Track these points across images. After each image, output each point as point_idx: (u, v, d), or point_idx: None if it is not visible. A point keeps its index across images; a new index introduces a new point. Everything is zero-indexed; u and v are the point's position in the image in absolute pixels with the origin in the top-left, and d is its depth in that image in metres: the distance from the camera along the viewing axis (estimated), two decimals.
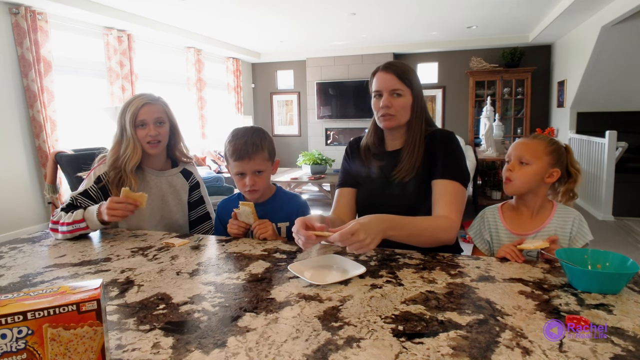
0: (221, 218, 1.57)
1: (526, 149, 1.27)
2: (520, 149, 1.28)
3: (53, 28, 4.27)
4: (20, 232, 3.96)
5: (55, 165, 3.34)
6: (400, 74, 1.31)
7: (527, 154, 1.26)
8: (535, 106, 6.95)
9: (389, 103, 1.31)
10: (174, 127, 1.64)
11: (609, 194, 4.49)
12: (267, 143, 1.43)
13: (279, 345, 0.71)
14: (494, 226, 1.32)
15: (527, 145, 1.28)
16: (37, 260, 1.22)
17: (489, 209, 1.37)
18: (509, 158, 1.31)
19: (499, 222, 1.31)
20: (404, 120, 1.34)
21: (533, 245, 1.11)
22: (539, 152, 1.25)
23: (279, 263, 1.13)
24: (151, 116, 1.52)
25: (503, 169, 1.32)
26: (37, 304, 0.57)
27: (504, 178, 1.31)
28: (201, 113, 6.60)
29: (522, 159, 1.26)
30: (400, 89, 1.31)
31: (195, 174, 1.73)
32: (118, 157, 1.52)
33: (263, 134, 1.45)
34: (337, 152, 7.68)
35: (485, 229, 1.34)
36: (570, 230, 1.23)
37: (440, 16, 5.30)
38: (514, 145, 1.32)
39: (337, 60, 7.63)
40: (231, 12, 4.93)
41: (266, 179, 1.46)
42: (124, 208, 1.38)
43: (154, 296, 0.93)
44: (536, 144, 1.27)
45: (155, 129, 1.53)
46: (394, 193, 1.35)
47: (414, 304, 0.86)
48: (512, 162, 1.29)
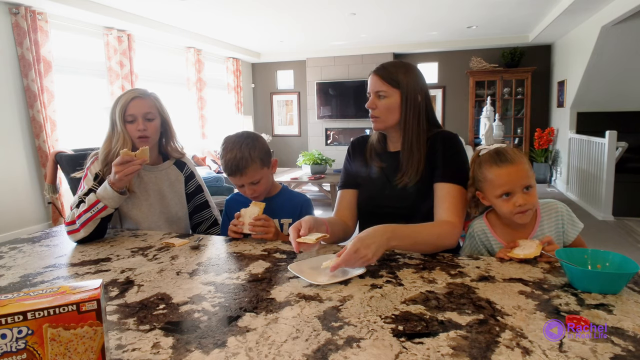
0: (229, 213, 1.56)
1: (524, 174, 1.15)
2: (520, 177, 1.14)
3: (53, 28, 4.27)
4: (20, 232, 3.96)
5: (55, 165, 3.34)
6: (385, 75, 1.31)
7: (529, 179, 1.15)
8: (535, 106, 6.95)
9: (373, 105, 1.33)
10: (165, 123, 1.61)
11: (609, 194, 4.49)
12: (257, 152, 1.40)
13: (279, 345, 0.71)
14: (485, 240, 1.25)
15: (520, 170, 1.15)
16: (37, 260, 1.22)
17: (476, 223, 1.27)
18: (507, 190, 1.15)
19: (490, 235, 1.24)
20: (390, 121, 1.33)
21: (523, 254, 1.07)
22: (529, 170, 1.16)
23: (279, 263, 1.13)
24: (140, 111, 1.50)
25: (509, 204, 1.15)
26: (37, 304, 0.57)
27: (515, 214, 1.15)
28: (201, 113, 6.60)
29: (525, 185, 1.15)
30: (384, 90, 1.31)
31: (189, 165, 1.71)
32: (109, 152, 1.50)
33: (252, 142, 1.41)
34: (337, 152, 7.69)
35: (479, 245, 1.26)
36: (562, 223, 1.19)
37: (440, 16, 5.30)
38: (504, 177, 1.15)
39: (337, 60, 7.63)
40: (231, 12, 4.93)
41: (265, 184, 1.46)
42: (130, 165, 1.37)
43: (154, 296, 0.93)
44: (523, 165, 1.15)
45: (143, 124, 1.50)
46: (394, 194, 1.34)
47: (414, 304, 0.86)
48: (517, 196, 1.14)
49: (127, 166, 1.37)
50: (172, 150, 1.67)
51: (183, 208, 1.66)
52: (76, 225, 1.39)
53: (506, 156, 1.16)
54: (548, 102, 6.96)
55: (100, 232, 1.43)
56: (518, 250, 1.10)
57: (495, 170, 1.16)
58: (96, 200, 1.40)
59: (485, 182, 1.19)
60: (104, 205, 1.40)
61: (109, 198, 1.40)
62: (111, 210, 1.42)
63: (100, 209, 1.40)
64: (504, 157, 1.16)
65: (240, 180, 1.41)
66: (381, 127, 1.36)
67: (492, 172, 1.16)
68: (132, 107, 1.49)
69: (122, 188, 1.43)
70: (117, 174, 1.37)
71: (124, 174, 1.37)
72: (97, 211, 1.39)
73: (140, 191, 1.56)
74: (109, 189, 1.39)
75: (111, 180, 1.40)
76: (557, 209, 1.21)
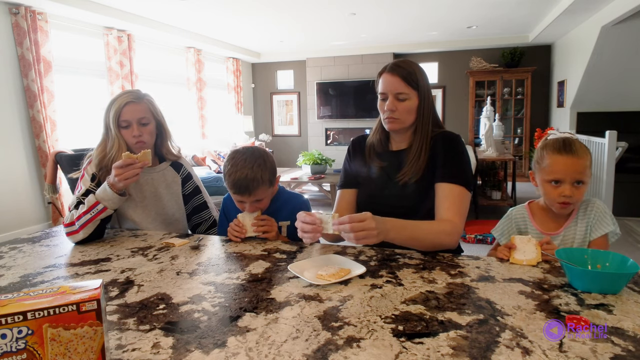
0: (226, 212, 1.55)
1: (580, 169, 1.17)
2: (575, 171, 1.16)
3: (53, 28, 4.27)
4: (20, 232, 3.96)
5: (55, 165, 3.35)
6: (406, 76, 1.28)
7: (583, 176, 1.17)
8: (535, 106, 6.95)
9: (393, 107, 1.29)
10: (160, 125, 1.59)
11: (609, 194, 4.48)
12: (267, 174, 1.37)
13: (279, 345, 0.71)
14: (523, 225, 1.29)
15: (577, 164, 1.17)
16: (37, 260, 1.22)
17: (516, 208, 1.33)
18: (558, 178, 1.18)
19: (529, 221, 1.28)
20: (408, 122, 1.33)
21: (526, 260, 1.07)
22: (588, 170, 1.18)
23: (279, 263, 1.13)
24: (134, 116, 1.48)
25: (556, 192, 1.19)
26: (37, 304, 0.57)
27: (557, 203, 1.19)
28: (201, 113, 6.60)
29: (577, 180, 1.17)
30: (406, 92, 1.28)
31: (186, 166, 1.69)
32: (105, 156, 1.49)
33: (264, 162, 1.37)
34: (337, 152, 7.69)
35: (514, 227, 1.30)
36: (590, 220, 1.21)
37: (440, 16, 5.30)
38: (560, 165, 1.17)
39: (337, 60, 7.63)
40: (231, 12, 4.92)
41: (267, 202, 1.44)
42: (131, 169, 1.36)
43: (154, 296, 0.93)
44: (583, 161, 1.17)
45: (138, 129, 1.49)
46: (394, 193, 1.34)
47: (414, 304, 0.86)
48: (566, 186, 1.17)
49: (129, 169, 1.36)
50: (167, 152, 1.65)
51: (180, 209, 1.65)
52: (75, 227, 1.38)
53: (571, 147, 1.18)
54: (548, 102, 6.96)
55: (100, 233, 1.43)
56: (519, 255, 1.09)
57: (555, 156, 1.19)
58: (95, 201, 1.40)
59: (542, 164, 1.22)
60: (103, 206, 1.40)
61: (108, 200, 1.40)
62: (111, 211, 1.42)
63: (100, 211, 1.39)
64: (568, 147, 1.18)
65: (244, 199, 1.37)
66: (399, 127, 1.33)
67: (552, 158, 1.19)
68: (126, 113, 1.47)
69: (122, 190, 1.42)
70: (117, 177, 1.36)
71: (124, 177, 1.36)
72: (97, 213, 1.39)
73: (135, 193, 1.55)
74: (109, 191, 1.39)
75: (110, 181, 1.39)
76: (595, 206, 1.23)
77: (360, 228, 1.01)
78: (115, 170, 1.37)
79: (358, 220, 1.02)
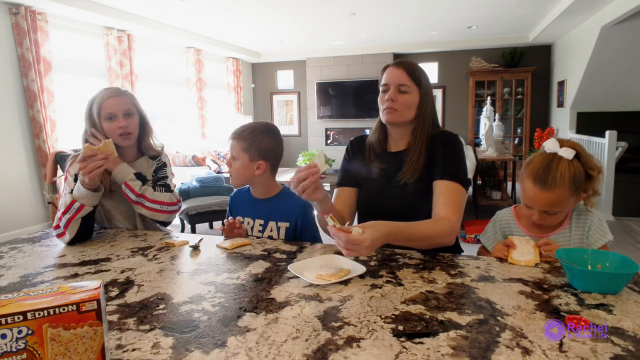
0: (233, 210, 1.57)
1: (551, 203, 1.12)
2: (545, 204, 1.13)
3: (53, 28, 4.27)
4: (20, 232, 3.96)
5: (55, 165, 3.34)
6: (410, 70, 1.31)
7: (555, 208, 1.14)
8: (535, 106, 6.95)
9: (394, 97, 1.31)
10: (143, 120, 1.59)
11: (609, 194, 4.48)
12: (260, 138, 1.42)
13: (279, 345, 0.71)
14: (507, 227, 1.28)
15: (548, 199, 1.12)
16: (37, 260, 1.22)
17: (502, 212, 1.32)
18: (529, 205, 1.17)
19: (513, 223, 1.28)
20: (407, 117, 1.33)
21: (524, 261, 1.07)
22: (563, 200, 1.12)
23: (279, 263, 1.13)
24: (120, 108, 1.48)
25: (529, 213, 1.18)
26: (37, 304, 0.57)
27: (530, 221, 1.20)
28: (201, 113, 6.60)
29: (547, 211, 1.15)
30: (408, 85, 1.30)
31: (163, 157, 1.65)
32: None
33: (266, 129, 1.45)
34: (337, 152, 7.68)
35: (498, 231, 1.30)
36: (586, 233, 1.19)
37: (440, 16, 5.30)
38: (531, 194, 1.14)
39: (337, 60, 7.63)
40: (231, 12, 4.92)
41: (238, 168, 1.42)
42: (92, 161, 1.33)
43: (154, 296, 0.93)
44: (556, 195, 1.10)
45: (125, 121, 1.49)
46: (394, 194, 1.34)
47: (414, 304, 0.86)
48: (535, 213, 1.16)
49: (90, 162, 1.33)
50: (148, 148, 1.63)
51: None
52: (61, 229, 1.38)
53: (546, 180, 1.10)
54: (548, 102, 6.96)
55: (86, 232, 1.41)
56: (517, 255, 1.09)
57: (530, 182, 1.15)
58: (72, 200, 1.38)
59: (522, 181, 1.20)
60: (80, 204, 1.38)
61: (83, 197, 1.38)
62: (89, 208, 1.40)
63: (78, 209, 1.37)
64: (544, 179, 1.11)
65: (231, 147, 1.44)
66: (396, 120, 1.33)
67: (527, 182, 1.16)
68: (110, 106, 1.48)
69: (94, 185, 1.39)
70: (80, 171, 1.34)
71: (88, 171, 1.33)
72: (75, 211, 1.37)
73: (114, 187, 1.54)
74: (82, 188, 1.38)
75: (80, 178, 1.38)
76: (588, 217, 1.21)
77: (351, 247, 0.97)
78: (79, 164, 1.34)
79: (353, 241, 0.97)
